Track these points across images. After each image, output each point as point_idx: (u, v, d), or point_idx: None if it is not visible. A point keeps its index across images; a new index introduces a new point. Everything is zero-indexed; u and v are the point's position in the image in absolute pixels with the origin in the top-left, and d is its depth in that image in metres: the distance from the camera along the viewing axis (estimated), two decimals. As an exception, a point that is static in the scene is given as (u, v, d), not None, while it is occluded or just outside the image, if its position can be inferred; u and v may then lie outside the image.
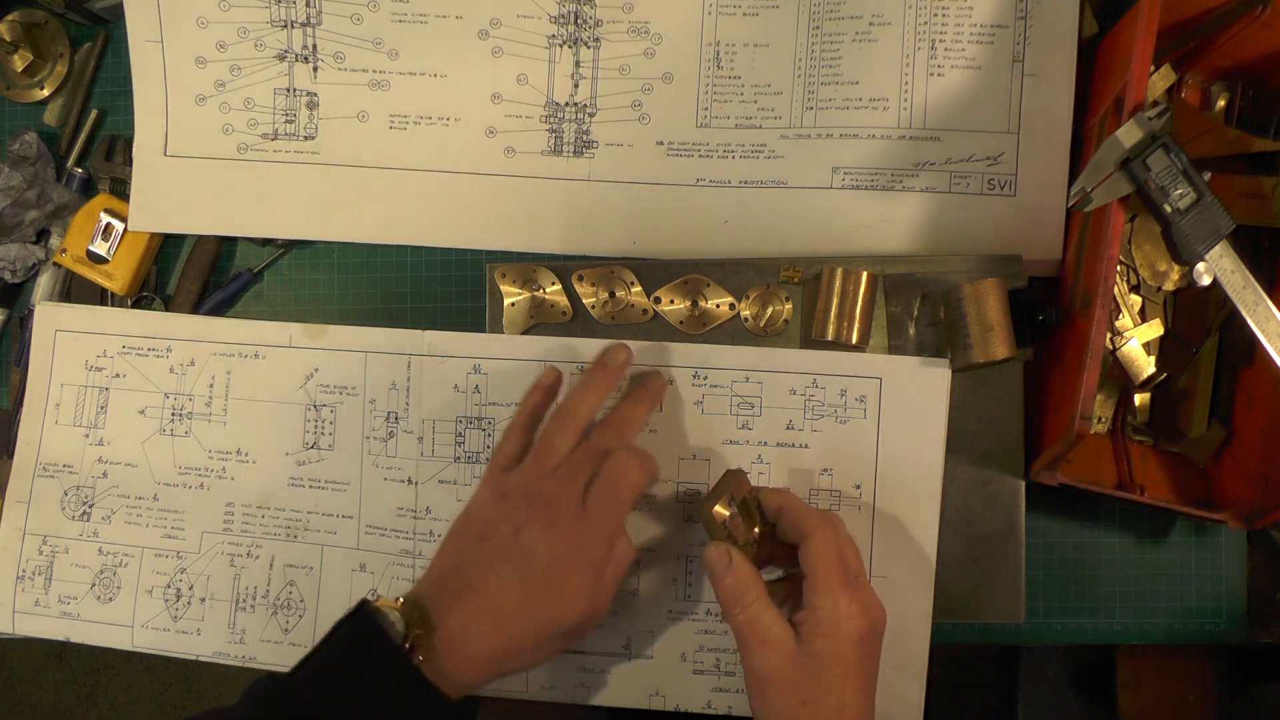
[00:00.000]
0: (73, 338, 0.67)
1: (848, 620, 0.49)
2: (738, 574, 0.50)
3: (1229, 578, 0.62)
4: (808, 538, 0.50)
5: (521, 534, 0.50)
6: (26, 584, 0.67)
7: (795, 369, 0.60)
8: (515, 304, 0.63)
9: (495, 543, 0.51)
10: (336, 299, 0.68)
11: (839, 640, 0.48)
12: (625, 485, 0.52)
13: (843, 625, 0.49)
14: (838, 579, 0.49)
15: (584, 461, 0.53)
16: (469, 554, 0.51)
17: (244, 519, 0.65)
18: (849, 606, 0.49)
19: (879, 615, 0.51)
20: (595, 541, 0.51)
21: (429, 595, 0.50)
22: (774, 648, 0.49)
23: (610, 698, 0.61)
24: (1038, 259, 0.61)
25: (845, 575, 0.50)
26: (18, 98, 0.71)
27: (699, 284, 0.62)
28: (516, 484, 0.53)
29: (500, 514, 0.52)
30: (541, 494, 0.52)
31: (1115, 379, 0.62)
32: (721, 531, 0.52)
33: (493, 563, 0.50)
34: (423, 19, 0.65)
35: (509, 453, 0.55)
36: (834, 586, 0.49)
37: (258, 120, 0.67)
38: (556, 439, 0.54)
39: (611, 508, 0.52)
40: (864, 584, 0.51)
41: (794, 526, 0.52)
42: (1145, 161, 0.51)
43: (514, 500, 0.52)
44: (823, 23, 0.62)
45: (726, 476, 0.53)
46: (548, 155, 0.65)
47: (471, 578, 0.50)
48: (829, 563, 0.50)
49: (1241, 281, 0.52)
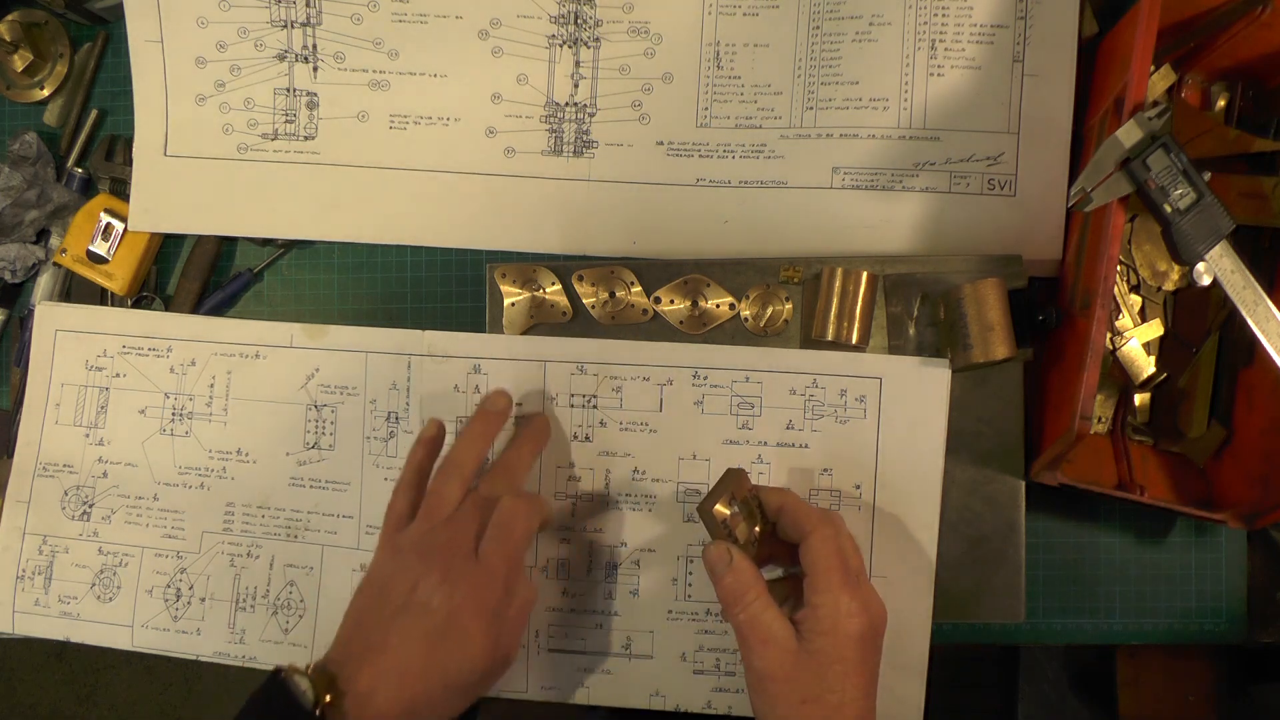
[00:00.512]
0: (73, 338, 0.67)
1: (848, 619, 0.49)
2: (738, 573, 0.50)
3: (1229, 578, 0.62)
4: (808, 536, 0.51)
5: (418, 589, 0.51)
6: (26, 584, 0.67)
7: (795, 369, 0.60)
8: (515, 304, 0.63)
9: (394, 600, 0.51)
10: (336, 299, 0.68)
11: (839, 639, 0.49)
12: (516, 529, 0.53)
13: (843, 624, 0.49)
14: (838, 577, 0.49)
15: (473, 510, 0.53)
16: (371, 615, 0.52)
17: (244, 519, 0.65)
18: (849, 605, 0.49)
19: (880, 613, 0.51)
20: (491, 588, 0.51)
21: (337, 659, 0.50)
22: (774, 646, 0.49)
23: (610, 698, 0.61)
24: (1038, 259, 0.61)
25: (845, 574, 0.50)
26: (18, 98, 0.71)
27: (699, 284, 0.62)
28: (409, 540, 0.53)
29: (396, 571, 0.52)
30: (433, 546, 0.52)
31: (1115, 379, 0.62)
32: (722, 530, 0.52)
33: (393, 621, 0.50)
34: (423, 19, 0.65)
35: (400, 510, 0.56)
36: (834, 585, 0.49)
37: (258, 120, 0.67)
38: (444, 490, 0.54)
39: (504, 552, 0.52)
40: (864, 582, 0.52)
41: (794, 525, 0.52)
42: (1145, 161, 0.51)
43: (407, 556, 0.53)
44: (823, 23, 0.62)
45: (727, 475, 0.53)
46: (548, 155, 0.65)
47: (374, 638, 0.50)
48: (829, 561, 0.50)
49: (1241, 281, 0.52)
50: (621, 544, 0.61)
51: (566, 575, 0.62)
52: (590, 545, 0.61)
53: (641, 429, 0.61)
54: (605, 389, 0.62)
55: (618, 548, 0.61)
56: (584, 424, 0.62)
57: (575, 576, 0.61)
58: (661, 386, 0.61)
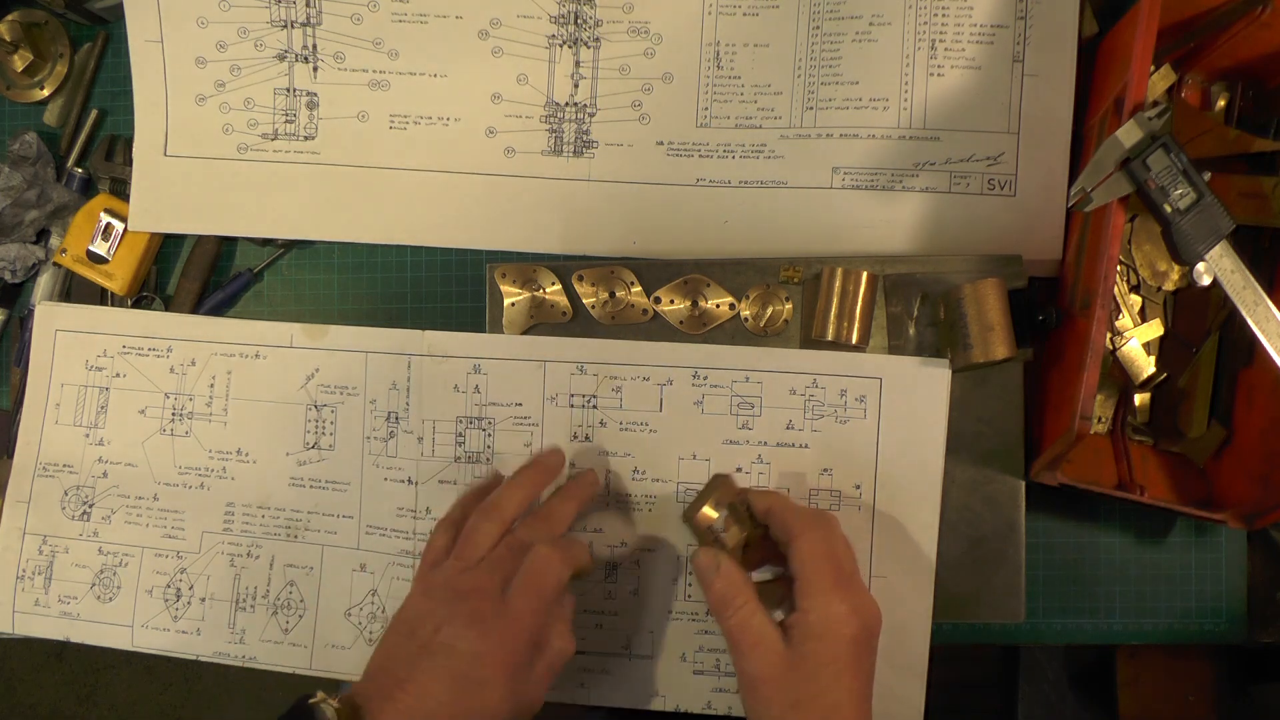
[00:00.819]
0: (73, 338, 0.67)
1: (839, 622, 0.49)
2: (726, 577, 0.50)
3: (1229, 578, 0.62)
4: (796, 539, 0.50)
5: (443, 630, 0.50)
6: (26, 584, 0.67)
7: (795, 369, 0.60)
8: (515, 304, 0.63)
9: (421, 639, 0.51)
10: (336, 299, 0.68)
11: (831, 642, 0.48)
12: (547, 579, 0.52)
13: (834, 627, 0.49)
14: (829, 580, 0.49)
15: (506, 555, 0.53)
16: (398, 652, 0.51)
17: (244, 519, 0.65)
18: (839, 608, 0.49)
19: (872, 616, 0.51)
20: (517, 637, 0.51)
21: (363, 693, 0.50)
22: (764, 649, 0.49)
23: (610, 698, 0.61)
24: (1038, 259, 0.61)
25: (837, 576, 0.50)
26: (18, 98, 0.71)
27: (699, 284, 0.62)
28: (440, 580, 0.53)
29: (426, 610, 0.52)
30: (462, 589, 0.52)
31: (1115, 379, 0.62)
32: (709, 536, 0.52)
33: (418, 660, 0.50)
34: (423, 19, 0.65)
35: (438, 547, 0.55)
36: (825, 588, 0.49)
37: (258, 120, 0.67)
38: (478, 533, 0.54)
39: (531, 601, 0.51)
40: (857, 584, 0.51)
41: (783, 528, 0.52)
42: (1145, 161, 0.51)
43: (437, 596, 0.52)
44: (823, 23, 0.62)
45: (713, 481, 0.54)
46: (548, 155, 0.65)
47: (400, 675, 0.50)
48: (818, 564, 0.50)
49: (1241, 281, 0.52)
50: (621, 544, 0.61)
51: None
52: (590, 545, 0.61)
53: (641, 429, 0.61)
54: (605, 389, 0.62)
55: (618, 548, 0.61)
56: (584, 424, 0.62)
57: (575, 576, 0.61)
58: (661, 386, 0.61)
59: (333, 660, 0.64)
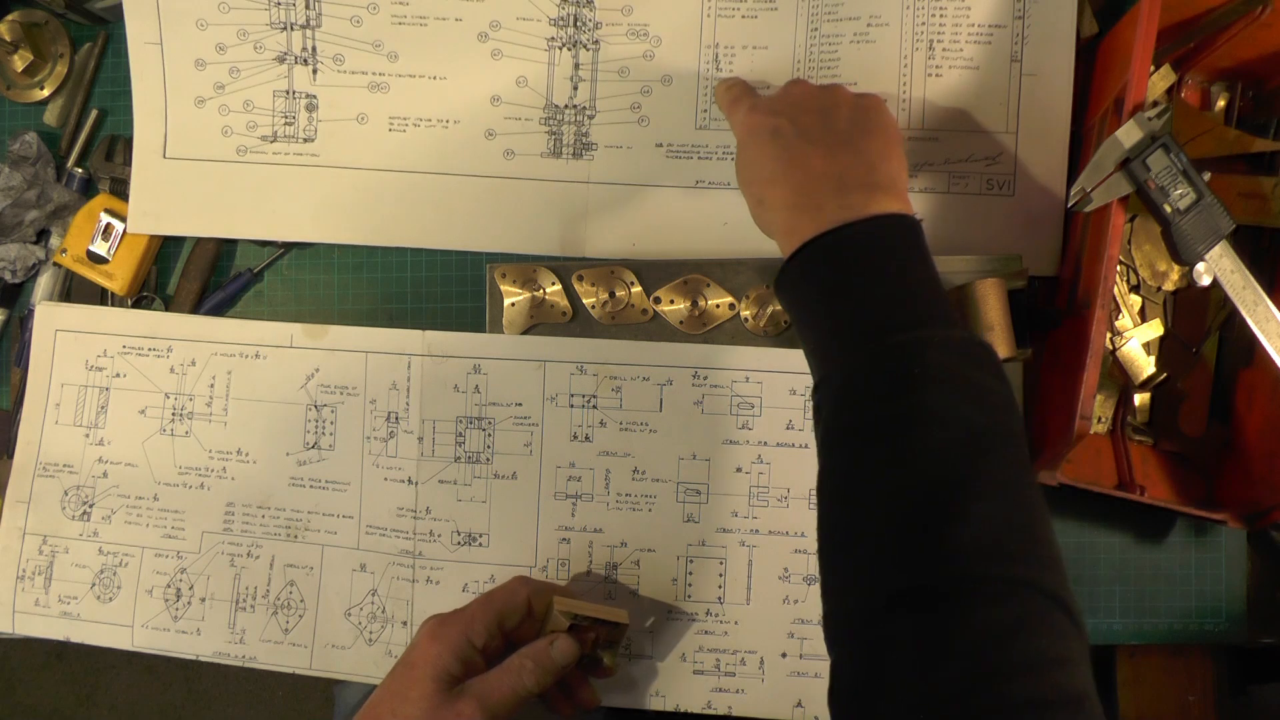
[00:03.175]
0: (73, 338, 0.67)
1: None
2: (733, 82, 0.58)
3: (1229, 578, 0.62)
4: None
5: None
6: (26, 584, 0.67)
7: (795, 369, 0.60)
8: (515, 304, 0.63)
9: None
10: (336, 299, 0.68)
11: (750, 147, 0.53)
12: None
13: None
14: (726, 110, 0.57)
15: None
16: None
17: (244, 519, 0.65)
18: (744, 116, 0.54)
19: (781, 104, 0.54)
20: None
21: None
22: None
23: (610, 698, 0.61)
24: (1038, 259, 0.61)
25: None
26: (18, 98, 0.71)
27: (699, 284, 0.62)
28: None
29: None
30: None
31: (1115, 379, 0.62)
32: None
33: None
34: (422, 21, 0.65)
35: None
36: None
37: (257, 123, 0.67)
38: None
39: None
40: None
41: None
42: (1145, 161, 0.51)
43: None
44: (821, 24, 0.62)
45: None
46: (547, 157, 0.65)
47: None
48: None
49: (1241, 281, 0.52)
50: (621, 544, 0.61)
51: (567, 574, 0.62)
52: (590, 545, 0.61)
53: (641, 429, 0.61)
54: (605, 389, 0.62)
55: (617, 548, 0.61)
56: (584, 424, 0.62)
57: (575, 575, 0.61)
58: (661, 386, 0.61)
59: (332, 660, 0.64)
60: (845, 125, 0.51)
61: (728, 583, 0.61)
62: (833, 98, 0.52)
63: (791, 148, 0.51)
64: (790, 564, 0.60)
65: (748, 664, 0.60)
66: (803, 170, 0.50)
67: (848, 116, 0.51)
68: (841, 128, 0.51)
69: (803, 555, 0.60)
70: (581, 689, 0.56)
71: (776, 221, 0.51)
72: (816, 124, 0.51)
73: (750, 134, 0.53)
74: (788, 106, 0.53)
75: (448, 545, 0.63)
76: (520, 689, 0.51)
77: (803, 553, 0.60)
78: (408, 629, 0.63)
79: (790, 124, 0.51)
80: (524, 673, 0.51)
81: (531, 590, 0.55)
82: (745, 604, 0.61)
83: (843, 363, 0.45)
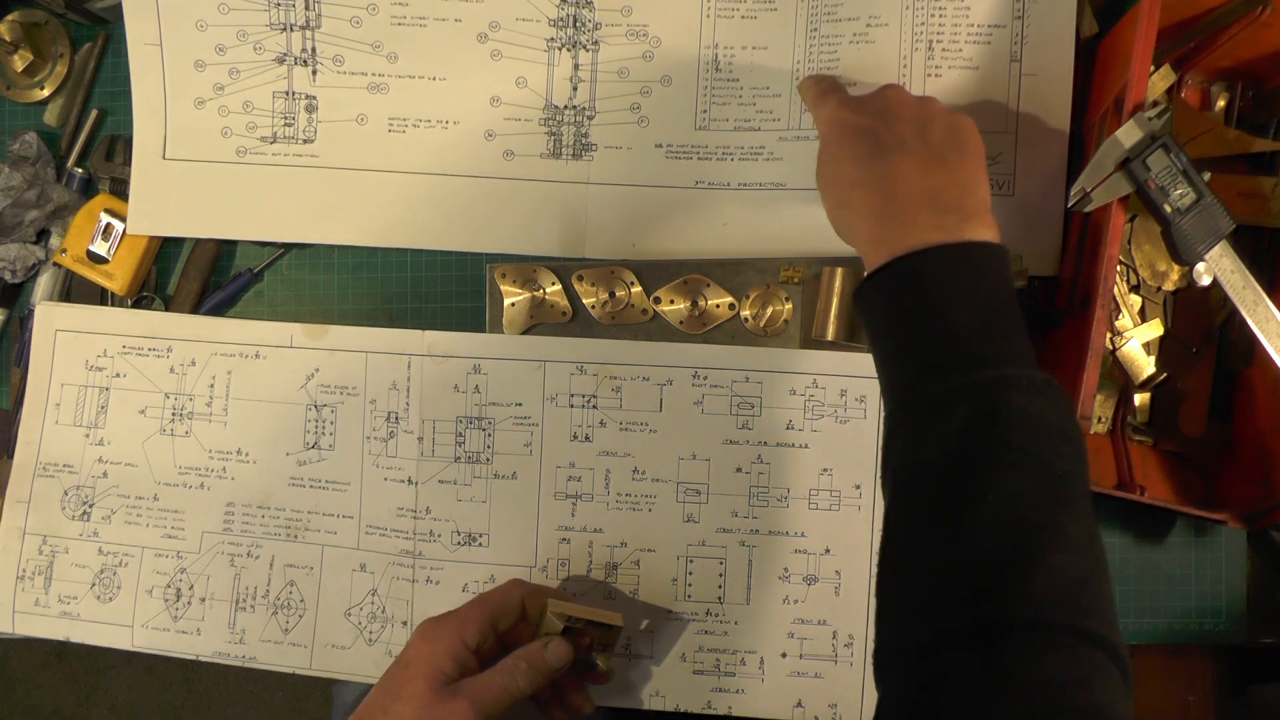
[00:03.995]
0: (73, 338, 0.67)
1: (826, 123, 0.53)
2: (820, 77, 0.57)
3: (1229, 578, 0.62)
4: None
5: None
6: (26, 584, 0.67)
7: (795, 369, 0.60)
8: (515, 304, 0.63)
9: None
10: (336, 299, 0.68)
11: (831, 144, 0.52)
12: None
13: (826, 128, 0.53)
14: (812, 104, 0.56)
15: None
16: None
17: (244, 519, 0.65)
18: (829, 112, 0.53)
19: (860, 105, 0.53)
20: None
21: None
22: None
23: (610, 698, 0.61)
24: (1038, 259, 0.61)
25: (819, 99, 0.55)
26: (18, 98, 0.71)
27: (699, 284, 0.62)
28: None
29: None
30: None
31: (1115, 379, 0.62)
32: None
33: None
34: (422, 22, 0.65)
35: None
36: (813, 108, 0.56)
37: (256, 123, 0.67)
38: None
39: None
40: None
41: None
42: (1145, 161, 0.51)
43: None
44: (820, 25, 0.62)
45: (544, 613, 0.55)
46: (547, 158, 0.65)
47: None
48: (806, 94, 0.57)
49: (1241, 281, 0.52)
50: (621, 544, 0.61)
51: (566, 574, 0.62)
52: (590, 545, 0.61)
53: (641, 429, 0.61)
54: (605, 389, 0.62)
55: (617, 548, 0.61)
56: (584, 424, 0.62)
57: (575, 576, 0.62)
58: (661, 386, 0.61)
59: (332, 660, 0.64)
60: (940, 141, 0.50)
61: (727, 583, 0.61)
62: (928, 110, 0.51)
63: (884, 153, 0.49)
64: (790, 564, 0.60)
65: (748, 664, 0.60)
66: (894, 180, 0.48)
67: (943, 133, 0.50)
68: (936, 142, 0.50)
69: (802, 555, 0.60)
70: (574, 693, 0.57)
71: (860, 229, 0.49)
72: (911, 134, 0.50)
73: (838, 130, 0.51)
74: (881, 109, 0.51)
75: (448, 545, 0.63)
76: (513, 689, 0.51)
77: (802, 553, 0.60)
78: (407, 629, 0.63)
79: (885, 127, 0.50)
80: (517, 674, 0.51)
81: (526, 592, 0.55)
82: (745, 604, 0.61)
83: (924, 391, 0.45)
